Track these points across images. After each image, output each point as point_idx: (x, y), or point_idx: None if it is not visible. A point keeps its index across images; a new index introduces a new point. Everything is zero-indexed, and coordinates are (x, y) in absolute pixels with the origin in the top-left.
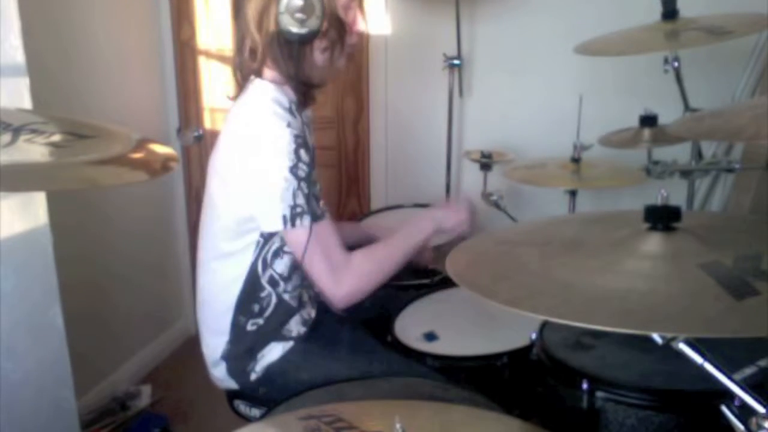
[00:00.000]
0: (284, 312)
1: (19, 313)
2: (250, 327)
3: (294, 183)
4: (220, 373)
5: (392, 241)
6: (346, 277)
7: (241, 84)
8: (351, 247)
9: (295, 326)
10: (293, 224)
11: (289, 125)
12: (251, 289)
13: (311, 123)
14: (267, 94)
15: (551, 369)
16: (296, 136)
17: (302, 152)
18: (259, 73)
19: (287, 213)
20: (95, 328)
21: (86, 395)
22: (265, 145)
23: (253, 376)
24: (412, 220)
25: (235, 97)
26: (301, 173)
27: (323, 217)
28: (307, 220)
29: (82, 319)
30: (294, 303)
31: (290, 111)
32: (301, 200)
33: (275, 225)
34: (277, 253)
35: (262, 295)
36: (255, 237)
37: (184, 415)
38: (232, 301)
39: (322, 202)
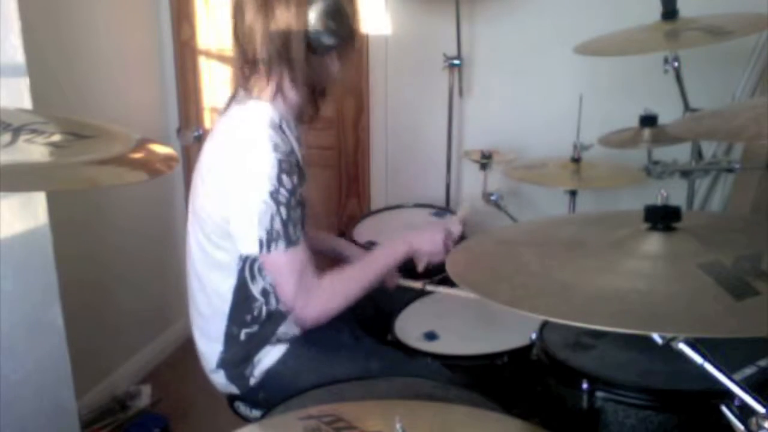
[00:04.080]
0: (278, 319)
1: (19, 313)
2: (243, 336)
3: (273, 208)
4: (219, 380)
5: (363, 263)
6: (315, 300)
7: (233, 98)
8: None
9: (289, 328)
10: (268, 249)
11: (275, 148)
12: (243, 299)
13: (302, 136)
14: (258, 113)
15: (551, 369)
16: (281, 161)
17: (284, 178)
18: (253, 89)
19: (263, 237)
20: (95, 327)
21: (86, 395)
22: (248, 168)
23: (253, 381)
24: (386, 242)
25: (225, 109)
26: (282, 199)
27: (297, 243)
28: (281, 245)
29: (82, 319)
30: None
31: (280, 129)
32: (278, 225)
33: (251, 248)
34: None
35: (255, 305)
36: (237, 249)
37: (184, 415)
38: (224, 310)
39: (298, 228)
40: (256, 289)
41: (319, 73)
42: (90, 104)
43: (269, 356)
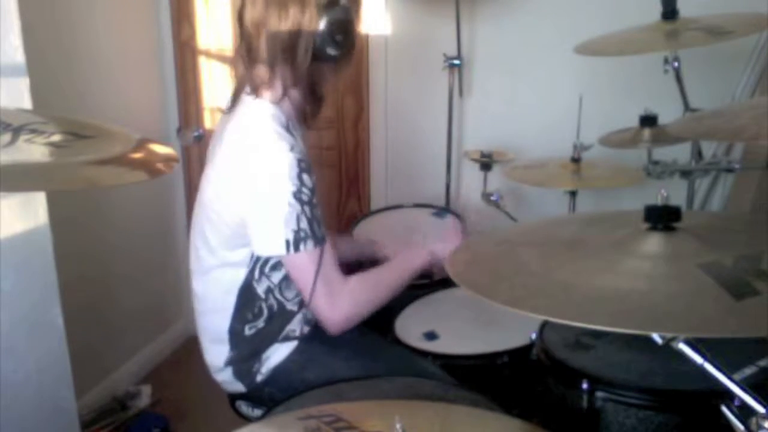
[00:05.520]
0: (285, 317)
1: (19, 312)
2: (248, 332)
3: (297, 208)
4: (226, 377)
5: (388, 267)
6: (343, 302)
7: (237, 97)
8: (346, 263)
9: (298, 326)
10: (297, 249)
11: (292, 149)
12: (247, 298)
13: (307, 138)
14: (266, 114)
15: (551, 369)
16: (299, 161)
17: (305, 177)
18: (258, 91)
19: (290, 237)
20: (95, 327)
21: (86, 395)
22: (268, 170)
23: (259, 378)
24: (408, 249)
25: (229, 110)
26: (305, 197)
27: (324, 242)
28: (310, 244)
29: (82, 319)
30: (295, 308)
31: (288, 130)
32: (304, 224)
33: (275, 250)
34: (276, 267)
35: (257, 303)
36: (249, 250)
37: (184, 415)
38: (228, 310)
39: (322, 227)
40: (260, 288)
41: (317, 79)
42: (90, 104)
43: (278, 353)
